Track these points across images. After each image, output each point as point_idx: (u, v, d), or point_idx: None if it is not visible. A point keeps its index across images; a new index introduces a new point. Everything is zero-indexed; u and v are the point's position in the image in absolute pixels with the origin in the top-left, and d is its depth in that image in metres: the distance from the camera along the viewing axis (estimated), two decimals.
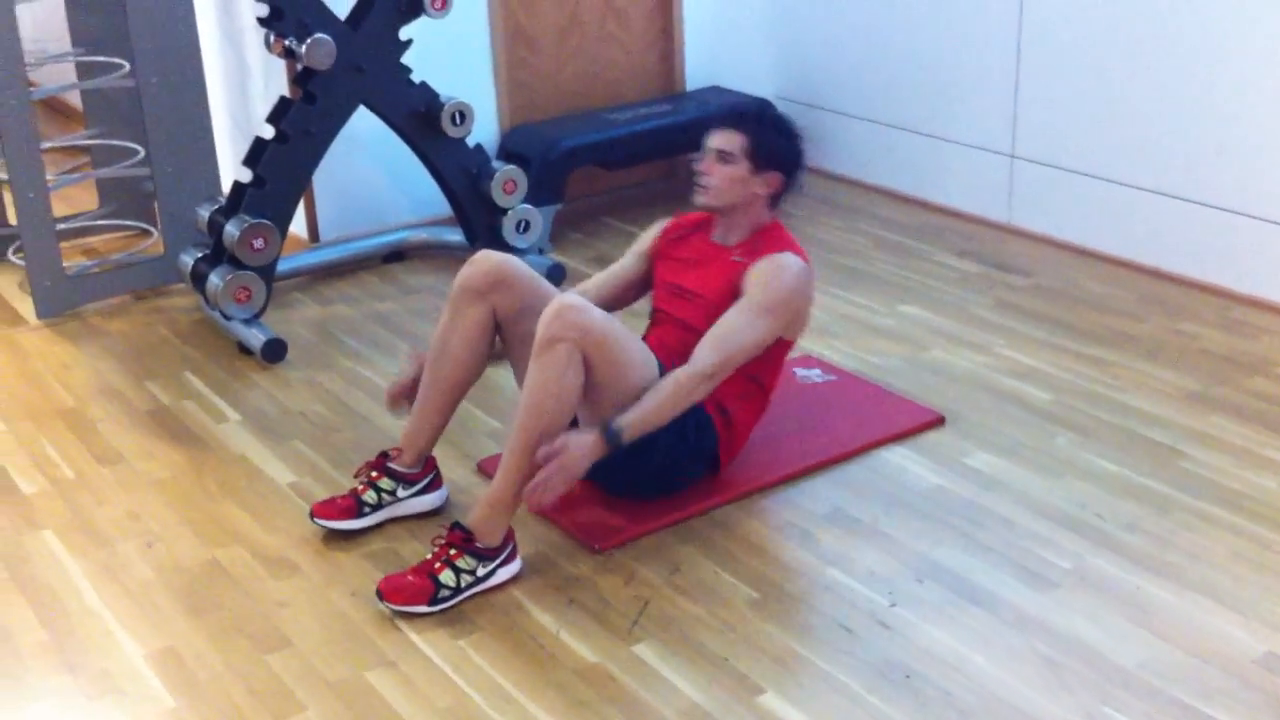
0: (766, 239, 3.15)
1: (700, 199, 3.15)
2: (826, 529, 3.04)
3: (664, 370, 2.99)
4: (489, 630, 2.72)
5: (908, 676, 2.54)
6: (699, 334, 3.02)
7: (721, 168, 3.10)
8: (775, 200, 3.18)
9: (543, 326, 2.80)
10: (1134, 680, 2.51)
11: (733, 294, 3.06)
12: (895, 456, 3.34)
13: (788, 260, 3.08)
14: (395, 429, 3.54)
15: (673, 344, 3.07)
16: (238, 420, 3.66)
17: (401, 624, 2.75)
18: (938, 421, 3.48)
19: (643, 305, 3.39)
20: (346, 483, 3.26)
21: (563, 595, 2.83)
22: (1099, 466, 3.26)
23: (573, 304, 2.82)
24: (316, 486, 3.28)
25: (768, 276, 3.04)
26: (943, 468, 3.28)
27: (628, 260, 3.37)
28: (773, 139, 3.14)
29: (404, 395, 3.18)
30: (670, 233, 3.33)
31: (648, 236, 3.38)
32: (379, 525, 3.09)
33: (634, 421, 2.86)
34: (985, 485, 3.20)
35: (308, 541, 3.06)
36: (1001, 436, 3.41)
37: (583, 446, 2.82)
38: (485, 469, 3.33)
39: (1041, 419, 3.50)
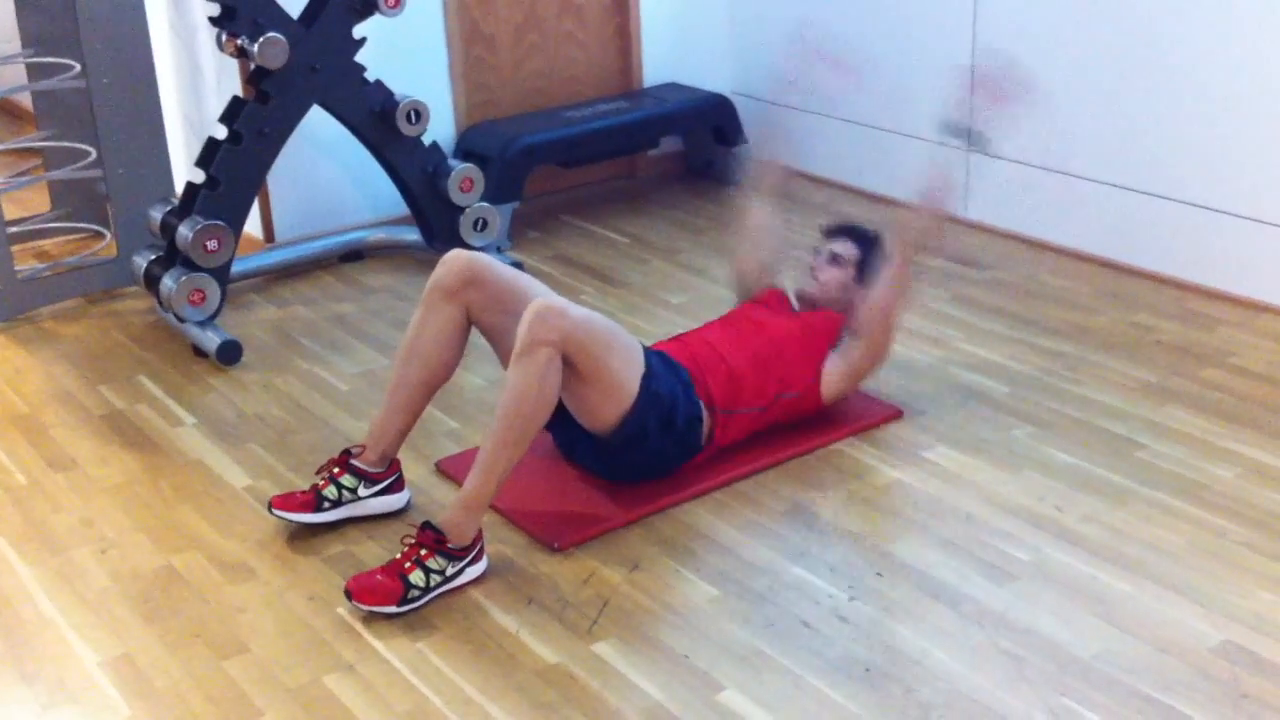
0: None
1: (809, 289, 3.53)
2: (786, 525, 3.04)
3: (663, 361, 3.11)
4: (448, 632, 2.71)
5: (868, 671, 2.54)
6: (729, 364, 3.22)
7: (833, 270, 3.51)
8: (843, 321, 3.45)
9: (523, 329, 2.79)
10: (1093, 672, 2.52)
11: (798, 335, 3.37)
12: (854, 451, 3.34)
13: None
14: (353, 431, 3.52)
15: (703, 357, 3.23)
16: (193, 424, 3.62)
17: (360, 627, 2.73)
18: (896, 416, 3.49)
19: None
20: (304, 485, 3.23)
21: (522, 595, 2.81)
22: (1057, 459, 3.27)
23: (552, 306, 2.82)
24: (274, 490, 3.25)
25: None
26: (901, 462, 3.28)
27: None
28: (878, 259, 3.45)
29: None
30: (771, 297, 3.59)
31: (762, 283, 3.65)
32: (337, 527, 3.07)
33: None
34: (944, 479, 3.20)
35: (265, 546, 3.04)
36: (960, 430, 3.42)
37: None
38: (444, 469, 3.31)
39: (999, 412, 3.51)
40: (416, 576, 2.77)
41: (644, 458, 3.13)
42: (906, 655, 2.58)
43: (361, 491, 3.09)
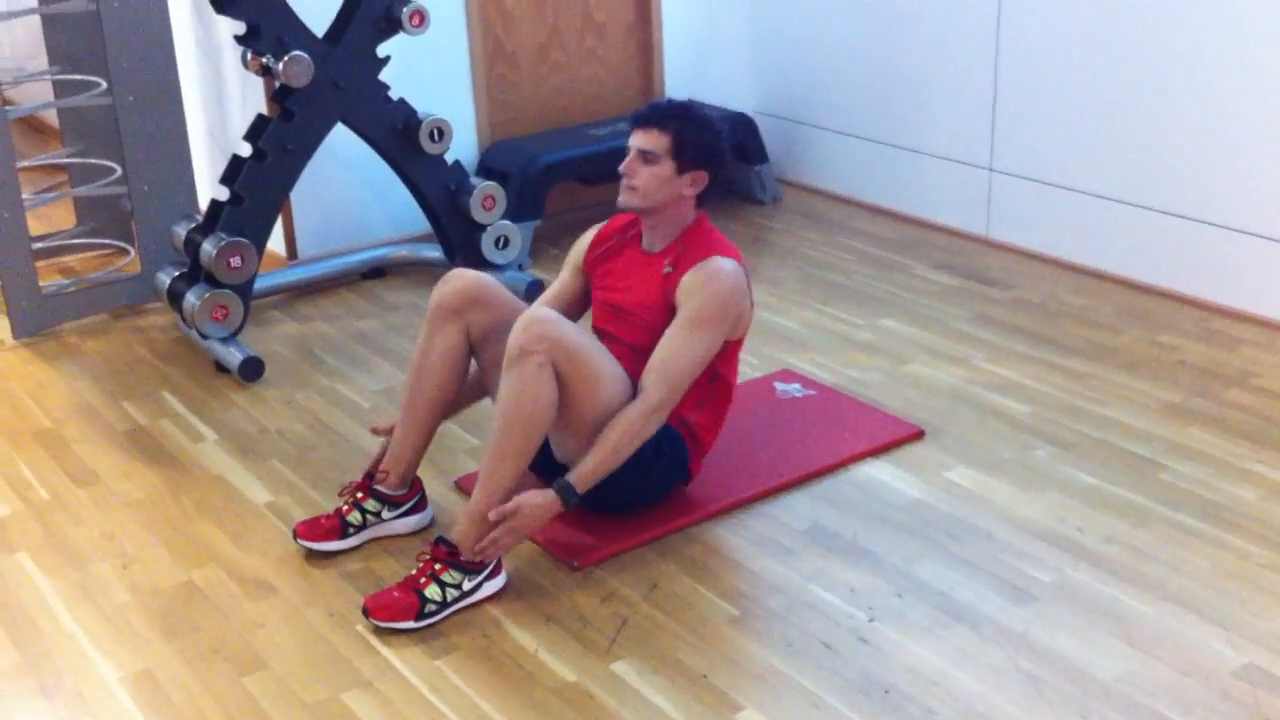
0: (694, 241, 3.08)
1: (625, 200, 3.06)
2: (806, 544, 3.03)
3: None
4: (467, 650, 2.70)
5: (887, 692, 2.53)
6: (640, 351, 3.00)
7: (645, 168, 3.02)
8: (701, 199, 3.11)
9: (513, 339, 2.79)
10: (1114, 694, 2.50)
11: (667, 308, 3.01)
12: (875, 471, 3.34)
13: (717, 266, 3.02)
14: (373, 448, 3.51)
15: (627, 365, 3.01)
16: (215, 440, 3.64)
17: (379, 644, 2.73)
18: (917, 435, 3.48)
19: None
20: (325, 502, 3.24)
21: (541, 613, 2.81)
22: (1079, 479, 3.26)
23: (543, 316, 2.81)
24: (294, 506, 3.26)
25: (698, 288, 2.98)
26: (922, 482, 3.27)
27: (565, 276, 3.30)
28: (696, 136, 3.03)
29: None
30: (599, 243, 3.26)
31: (578, 250, 3.30)
32: (359, 545, 3.07)
33: (586, 473, 2.87)
34: (965, 499, 3.19)
35: (285, 562, 3.04)
36: (981, 450, 3.41)
37: (536, 508, 2.83)
38: (463, 486, 3.32)
39: (1021, 432, 3.50)
40: (432, 591, 2.77)
41: (630, 488, 3.05)
42: (926, 676, 2.57)
43: (385, 515, 3.09)
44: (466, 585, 2.81)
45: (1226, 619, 2.71)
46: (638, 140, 3.04)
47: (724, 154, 3.11)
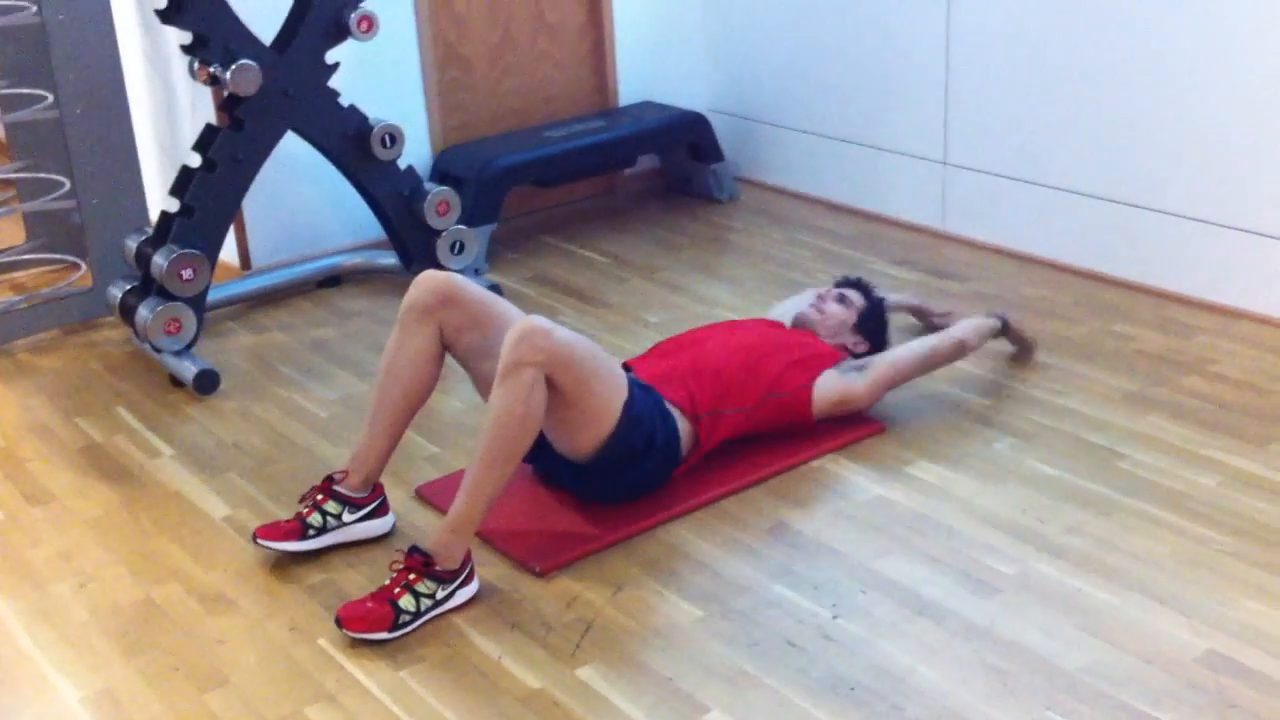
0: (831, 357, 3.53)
1: (809, 316, 3.64)
2: (769, 543, 3.03)
3: (638, 384, 3.09)
4: (431, 660, 2.68)
5: (853, 689, 2.53)
6: (717, 362, 3.29)
7: (838, 308, 3.65)
8: (842, 357, 3.53)
9: (508, 350, 2.78)
10: (1080, 685, 2.50)
11: (803, 345, 3.49)
12: (836, 467, 3.34)
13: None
14: (333, 459, 3.50)
15: (685, 361, 3.30)
16: (171, 454, 3.60)
17: (341, 657, 2.71)
18: (878, 430, 3.48)
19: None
20: (284, 514, 3.21)
21: (504, 620, 2.79)
22: (1039, 471, 3.27)
23: (538, 327, 2.81)
24: (253, 519, 3.23)
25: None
26: (884, 477, 3.27)
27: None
28: (880, 318, 3.69)
29: None
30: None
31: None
32: (318, 557, 3.04)
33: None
34: (927, 493, 3.19)
35: (245, 577, 3.01)
36: (942, 444, 3.42)
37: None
38: (424, 495, 3.30)
39: (981, 425, 3.51)
40: (406, 601, 2.75)
41: (626, 480, 3.12)
42: (892, 672, 2.57)
43: (346, 517, 3.07)
44: (440, 594, 2.79)
45: (1189, 606, 2.72)
46: (847, 290, 3.74)
47: (882, 347, 3.67)
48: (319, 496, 3.07)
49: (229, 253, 4.69)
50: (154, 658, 2.75)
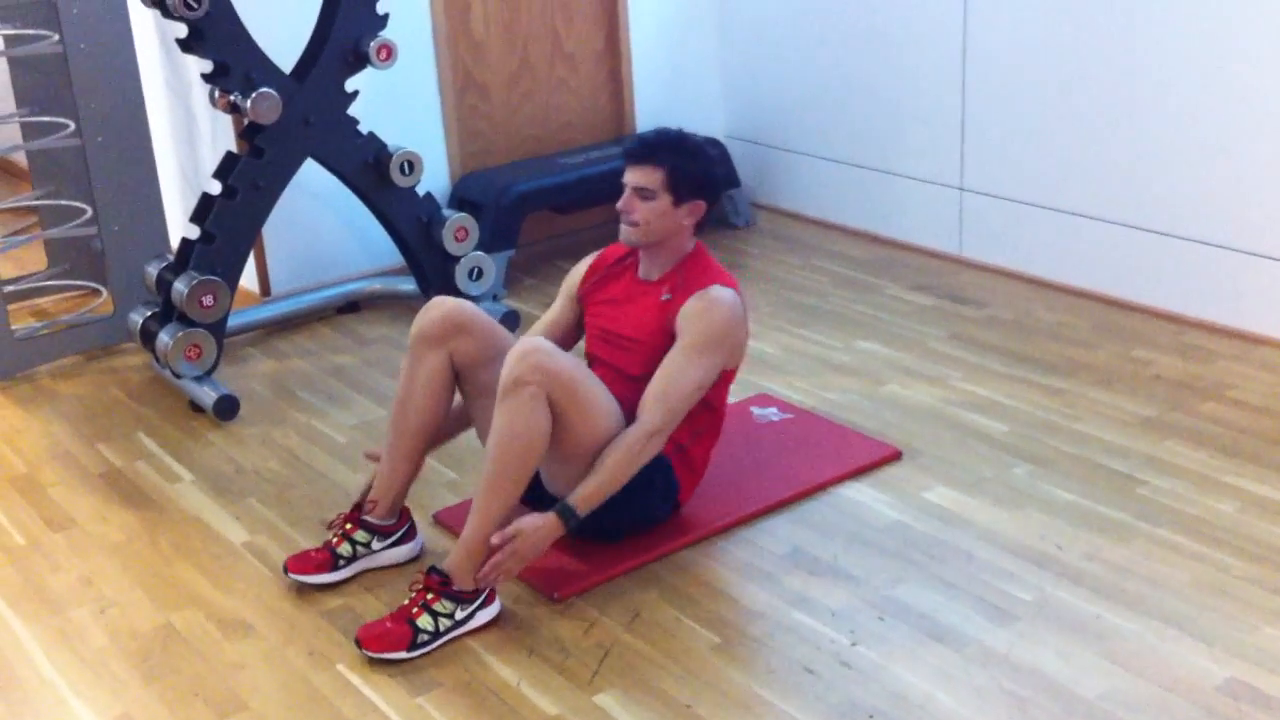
0: (693, 270, 3.11)
1: (627, 237, 3.10)
2: (787, 569, 3.02)
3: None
4: (449, 685, 2.69)
5: (871, 717, 2.52)
6: (635, 380, 3.01)
7: (644, 204, 3.05)
8: (698, 227, 3.15)
9: (507, 369, 2.78)
10: (1098, 712, 2.50)
11: (666, 335, 3.03)
12: (854, 493, 3.33)
13: (717, 295, 3.04)
14: (352, 484, 3.51)
15: (612, 391, 2.99)
16: (191, 480, 3.62)
17: (360, 683, 2.71)
18: (895, 456, 3.48)
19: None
20: (304, 541, 3.22)
21: (522, 646, 2.80)
22: (1058, 497, 3.26)
23: (538, 347, 2.81)
24: (272, 545, 3.24)
25: (699, 315, 3.01)
26: (902, 503, 3.27)
27: (558, 305, 3.33)
28: (690, 167, 3.08)
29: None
30: (594, 272, 3.29)
31: (573, 278, 3.33)
32: (336, 584, 3.05)
33: (588, 495, 2.87)
34: (945, 519, 3.19)
35: (264, 602, 3.02)
36: (960, 470, 3.41)
37: (538, 530, 2.83)
38: (442, 520, 3.30)
39: (999, 451, 3.50)
40: (425, 621, 2.77)
41: (626, 516, 3.07)
42: (910, 700, 2.56)
43: (375, 545, 3.08)
44: (459, 615, 2.80)
45: (1208, 634, 2.71)
46: (632, 177, 3.07)
47: (718, 181, 3.22)
48: (347, 526, 3.08)
49: (249, 279, 4.72)
50: (173, 683, 2.76)
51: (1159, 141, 4.20)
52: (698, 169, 3.10)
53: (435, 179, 4.95)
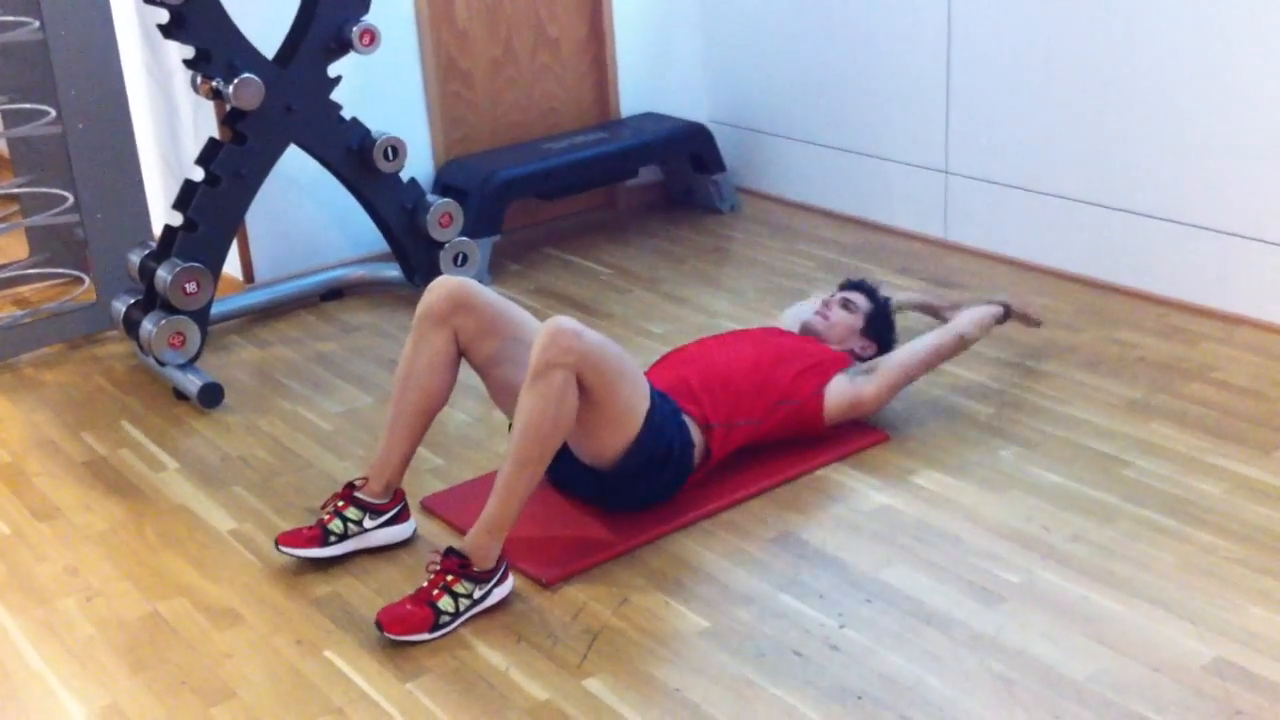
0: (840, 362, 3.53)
1: (815, 325, 3.64)
2: (775, 553, 3.03)
3: (663, 397, 3.10)
4: (438, 672, 2.69)
5: (860, 699, 2.53)
6: (726, 374, 3.29)
7: (844, 314, 3.66)
8: (851, 362, 3.54)
9: (539, 351, 2.79)
10: (1086, 693, 2.50)
11: (812, 351, 3.48)
12: (841, 477, 3.34)
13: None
14: (338, 471, 3.51)
15: (696, 373, 3.28)
16: (176, 468, 3.60)
17: (349, 670, 2.71)
18: (882, 440, 3.49)
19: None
20: (290, 527, 3.21)
21: (511, 632, 2.80)
22: (1044, 479, 3.27)
23: (567, 328, 2.82)
24: (259, 533, 3.23)
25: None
26: (889, 486, 3.28)
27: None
28: (887, 320, 3.71)
29: None
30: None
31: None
32: (325, 569, 3.05)
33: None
34: (931, 502, 3.19)
35: (251, 590, 3.02)
36: (946, 453, 3.42)
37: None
38: (429, 507, 3.30)
39: (985, 433, 3.51)
40: (445, 603, 2.77)
41: (643, 488, 3.13)
42: (899, 682, 2.57)
43: (367, 523, 3.08)
44: (478, 594, 2.82)
45: (1195, 614, 2.72)
46: (850, 294, 3.73)
47: (890, 346, 3.69)
48: (340, 503, 3.08)
49: (232, 266, 4.70)
50: (161, 672, 2.75)
51: (1143, 124, 4.20)
52: (889, 327, 3.72)
53: (419, 165, 4.94)
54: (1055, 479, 3.26)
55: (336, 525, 3.05)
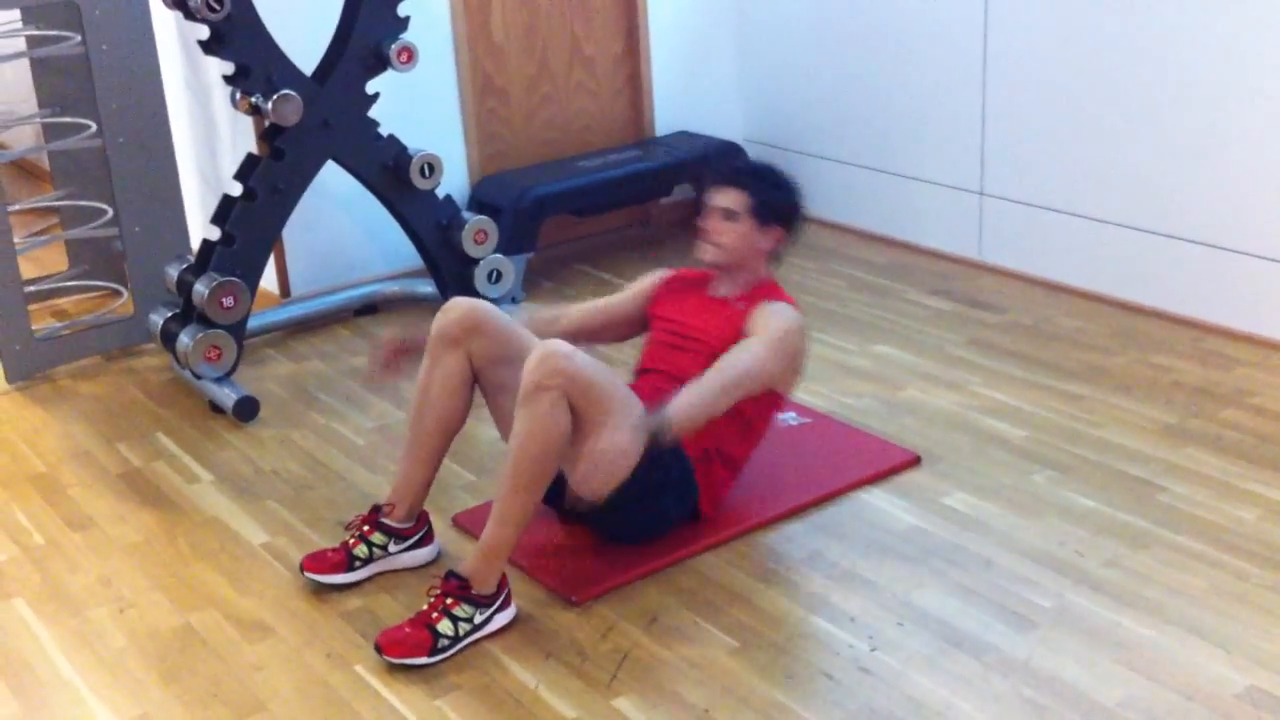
0: (764, 292, 3.20)
1: (708, 257, 3.21)
2: (806, 574, 3.02)
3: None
4: (467, 689, 2.69)
5: None
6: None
7: (728, 225, 3.17)
8: (776, 255, 3.27)
9: (528, 373, 2.79)
10: None
11: (733, 340, 3.08)
12: (873, 498, 3.33)
13: (786, 308, 3.15)
14: (370, 486, 3.52)
15: (667, 394, 2.99)
16: (210, 480, 3.63)
17: (378, 685, 2.72)
18: (914, 462, 3.47)
19: (625, 355, 3.38)
20: (322, 542, 3.23)
21: (540, 650, 2.80)
22: (1077, 503, 3.25)
23: (557, 350, 2.81)
24: (291, 546, 3.25)
25: (770, 315, 3.10)
26: (921, 508, 3.27)
27: (622, 298, 3.41)
28: (774, 194, 3.22)
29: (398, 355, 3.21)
30: (671, 283, 3.37)
31: (648, 281, 3.41)
32: (356, 584, 3.06)
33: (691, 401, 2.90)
34: (964, 525, 3.18)
35: (282, 603, 3.03)
36: (979, 475, 3.41)
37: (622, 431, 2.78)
38: (461, 523, 3.31)
39: (1018, 456, 3.49)
40: (444, 626, 2.77)
41: (643, 517, 3.08)
42: (929, 706, 2.56)
43: (392, 548, 3.09)
44: (478, 619, 2.80)
45: (1228, 641, 2.70)
46: (719, 199, 3.19)
47: (799, 211, 3.27)
48: (365, 528, 3.08)
49: (269, 281, 4.73)
50: (191, 684, 2.76)
51: (1179, 146, 4.18)
52: (781, 196, 3.23)
53: (455, 181, 4.96)
54: (1088, 503, 3.25)
55: (361, 550, 3.06)
